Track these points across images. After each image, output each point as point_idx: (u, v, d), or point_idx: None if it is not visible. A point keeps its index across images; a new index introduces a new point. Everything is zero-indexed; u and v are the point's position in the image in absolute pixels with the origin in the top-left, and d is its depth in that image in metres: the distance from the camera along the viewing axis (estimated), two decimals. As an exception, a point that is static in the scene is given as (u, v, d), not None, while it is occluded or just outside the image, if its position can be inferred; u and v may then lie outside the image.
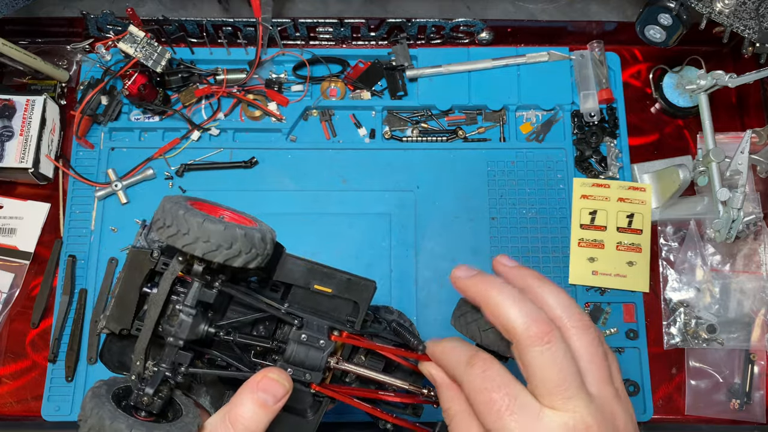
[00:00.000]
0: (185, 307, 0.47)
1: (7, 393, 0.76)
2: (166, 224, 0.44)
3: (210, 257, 0.44)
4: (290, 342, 0.51)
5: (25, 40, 0.87)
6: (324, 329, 0.52)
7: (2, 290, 0.79)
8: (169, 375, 0.47)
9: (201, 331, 0.48)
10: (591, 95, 0.85)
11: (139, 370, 0.47)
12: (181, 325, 0.46)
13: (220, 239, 0.43)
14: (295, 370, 0.51)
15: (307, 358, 0.51)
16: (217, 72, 0.84)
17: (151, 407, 0.46)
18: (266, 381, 0.48)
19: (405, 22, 0.85)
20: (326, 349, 0.51)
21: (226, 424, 0.47)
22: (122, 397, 0.47)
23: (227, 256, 0.44)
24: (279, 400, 0.48)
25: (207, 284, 0.47)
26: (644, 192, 0.82)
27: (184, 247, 0.43)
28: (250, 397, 0.47)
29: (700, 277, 0.79)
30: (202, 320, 0.48)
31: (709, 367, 0.78)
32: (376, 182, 0.83)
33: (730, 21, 0.71)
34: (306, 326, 0.52)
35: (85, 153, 0.83)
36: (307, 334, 0.51)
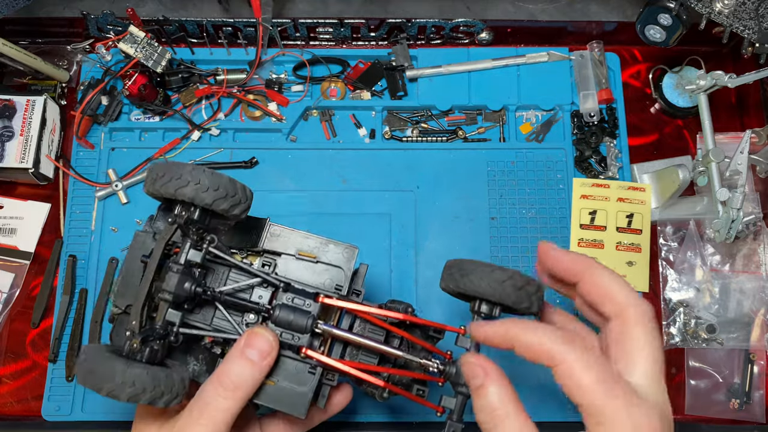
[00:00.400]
0: (174, 264, 0.50)
1: (7, 393, 0.76)
2: (159, 175, 0.49)
3: (199, 199, 0.48)
4: (276, 306, 0.53)
5: (26, 40, 0.87)
6: (310, 293, 0.54)
7: (2, 290, 0.79)
8: (161, 332, 0.50)
9: (189, 289, 0.50)
10: (591, 95, 0.85)
11: (134, 329, 0.50)
12: (169, 280, 0.49)
13: (208, 182, 0.48)
14: (284, 333, 0.53)
15: (294, 321, 0.53)
16: (218, 72, 0.85)
17: (140, 356, 0.49)
18: (252, 336, 0.50)
19: (405, 22, 0.85)
20: (312, 312, 0.53)
21: (213, 382, 0.48)
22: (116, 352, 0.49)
23: (215, 197, 0.48)
24: (266, 355, 0.50)
25: (195, 245, 0.51)
26: (644, 192, 0.82)
27: (177, 190, 0.48)
28: (236, 353, 0.50)
29: (699, 277, 0.79)
30: (189, 278, 0.51)
31: (709, 366, 0.78)
32: (376, 182, 0.83)
33: (730, 21, 0.71)
34: (293, 291, 0.54)
35: (86, 153, 0.83)
36: (293, 296, 0.54)
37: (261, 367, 0.50)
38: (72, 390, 0.75)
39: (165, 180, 0.49)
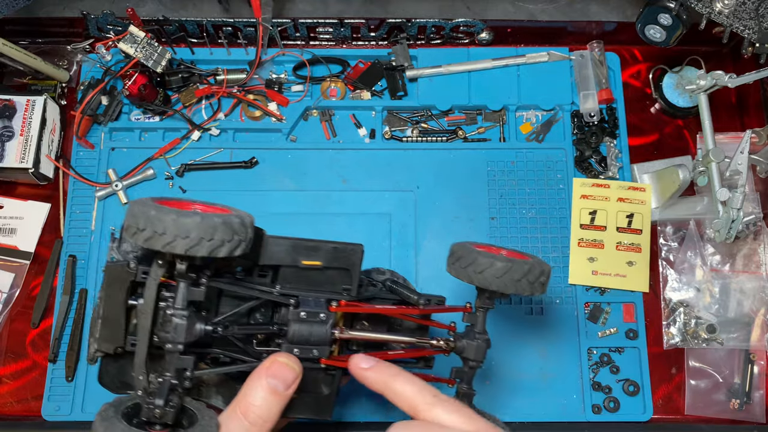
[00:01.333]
0: (177, 311, 0.45)
1: (7, 393, 0.76)
2: (139, 228, 0.42)
3: (193, 252, 0.42)
4: (290, 322, 0.50)
5: (26, 40, 0.87)
6: (321, 302, 0.51)
7: (2, 290, 0.79)
8: (175, 383, 0.45)
9: (198, 331, 0.46)
10: (591, 95, 0.85)
11: (144, 385, 0.45)
12: (176, 330, 0.45)
13: (200, 232, 0.41)
14: (302, 349, 0.50)
15: (311, 335, 0.50)
16: (218, 72, 0.84)
17: (165, 418, 0.44)
18: (275, 366, 0.47)
19: (405, 22, 0.85)
20: (328, 322, 0.51)
21: (238, 416, 0.45)
22: (132, 415, 0.45)
23: (210, 248, 0.42)
24: (290, 385, 0.47)
25: (193, 283, 0.46)
26: (644, 192, 0.82)
27: (165, 247, 0.41)
28: (259, 384, 0.46)
29: (699, 277, 0.79)
30: (196, 320, 0.46)
31: (709, 366, 0.78)
32: (376, 182, 0.83)
33: (730, 21, 0.71)
34: (303, 304, 0.51)
35: (86, 153, 0.83)
36: (306, 311, 0.50)
37: (286, 396, 0.47)
38: (72, 390, 0.75)
39: (147, 235, 0.41)
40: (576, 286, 0.80)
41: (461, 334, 0.55)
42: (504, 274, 0.50)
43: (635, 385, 0.76)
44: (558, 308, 0.79)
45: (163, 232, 0.41)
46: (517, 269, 0.50)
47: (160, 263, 0.45)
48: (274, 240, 0.52)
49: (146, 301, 0.45)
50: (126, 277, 0.48)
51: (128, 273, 0.48)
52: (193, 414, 0.46)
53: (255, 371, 0.47)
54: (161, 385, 0.45)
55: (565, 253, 0.80)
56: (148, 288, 0.45)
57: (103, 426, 0.42)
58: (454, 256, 0.54)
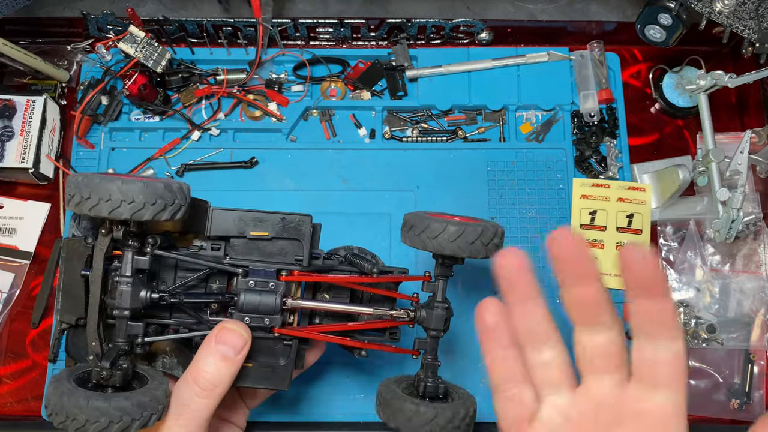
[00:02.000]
0: (122, 278, 0.47)
1: (7, 393, 0.76)
2: (84, 197, 0.44)
3: (138, 217, 0.44)
4: (240, 291, 0.51)
5: (26, 40, 0.87)
6: (272, 272, 0.52)
7: (2, 290, 0.79)
8: (126, 348, 0.47)
9: (144, 298, 0.48)
10: (591, 95, 0.85)
11: (97, 351, 0.48)
12: (122, 296, 0.47)
13: (120, 195, 0.43)
14: (253, 318, 0.51)
15: (261, 304, 0.51)
16: (218, 72, 0.84)
17: (112, 380, 0.46)
18: (223, 332, 0.48)
19: (405, 22, 0.85)
20: (278, 291, 0.52)
21: (189, 382, 0.47)
22: (85, 380, 0.47)
23: (154, 212, 0.44)
24: (239, 350, 0.49)
25: (138, 252, 0.48)
26: (644, 192, 0.82)
27: (111, 213, 0.43)
28: (208, 350, 0.48)
29: (699, 277, 0.79)
30: (142, 287, 0.48)
31: (709, 366, 0.78)
32: (376, 182, 0.83)
33: (730, 21, 0.71)
34: (252, 273, 0.52)
35: (86, 153, 0.83)
36: (254, 280, 0.52)
37: (235, 361, 0.49)
38: (72, 390, 0.75)
39: (93, 202, 0.44)
40: (576, 286, 0.80)
41: (422, 304, 0.56)
42: (458, 237, 0.51)
43: (635, 385, 0.76)
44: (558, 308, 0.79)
45: (107, 198, 0.43)
46: (470, 232, 0.51)
47: (103, 232, 0.47)
48: (221, 212, 0.53)
49: (94, 269, 0.48)
50: (83, 251, 0.50)
51: (85, 247, 0.50)
52: (144, 378, 0.48)
53: (206, 339, 0.49)
54: (110, 349, 0.47)
55: (565, 253, 0.80)
56: (96, 257, 0.48)
57: (52, 387, 0.44)
58: (407, 225, 0.55)
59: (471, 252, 0.52)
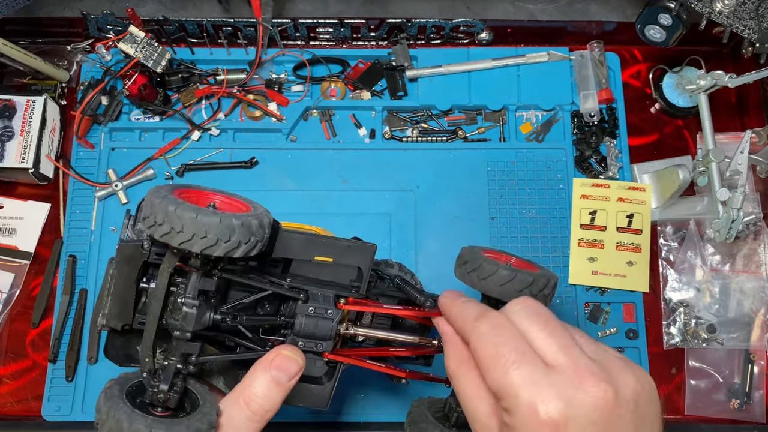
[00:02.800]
0: (188, 299, 0.45)
1: (7, 393, 0.76)
2: (157, 222, 0.42)
3: (209, 252, 0.42)
4: (298, 316, 0.51)
5: (26, 40, 0.87)
6: (330, 299, 0.52)
7: (2, 290, 0.79)
8: (180, 367, 0.46)
9: (207, 320, 0.47)
10: (591, 95, 0.85)
11: (150, 366, 0.46)
12: (185, 318, 0.45)
13: (218, 233, 0.42)
14: (306, 342, 0.51)
15: (317, 330, 0.51)
16: (218, 72, 0.84)
17: (168, 402, 0.45)
18: (280, 359, 0.48)
19: (405, 22, 0.85)
20: (335, 318, 0.51)
21: (241, 405, 0.46)
22: (136, 394, 0.46)
23: (227, 249, 0.43)
24: (293, 377, 0.48)
25: (206, 273, 0.46)
26: (644, 192, 0.82)
27: (181, 245, 0.42)
28: (263, 375, 0.47)
29: (699, 277, 0.79)
30: (206, 309, 0.47)
31: (709, 366, 0.78)
32: (376, 182, 0.83)
33: (730, 21, 0.71)
34: (312, 298, 0.51)
35: (86, 153, 0.83)
36: (314, 306, 0.51)
37: (288, 387, 0.48)
38: (72, 390, 0.75)
39: (164, 230, 0.41)
40: (576, 286, 0.80)
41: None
42: (506, 282, 0.50)
43: (635, 385, 0.76)
44: (558, 308, 0.79)
45: (180, 229, 0.41)
46: (520, 280, 0.51)
47: (174, 252, 0.45)
48: (289, 234, 0.52)
49: (158, 287, 0.46)
50: (139, 257, 0.49)
51: (141, 253, 0.49)
52: (195, 398, 0.47)
53: (260, 362, 0.48)
54: (167, 368, 0.46)
55: (565, 253, 0.80)
56: (161, 275, 0.45)
57: (108, 404, 0.42)
58: (461, 259, 0.55)
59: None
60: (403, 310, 0.54)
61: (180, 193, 0.45)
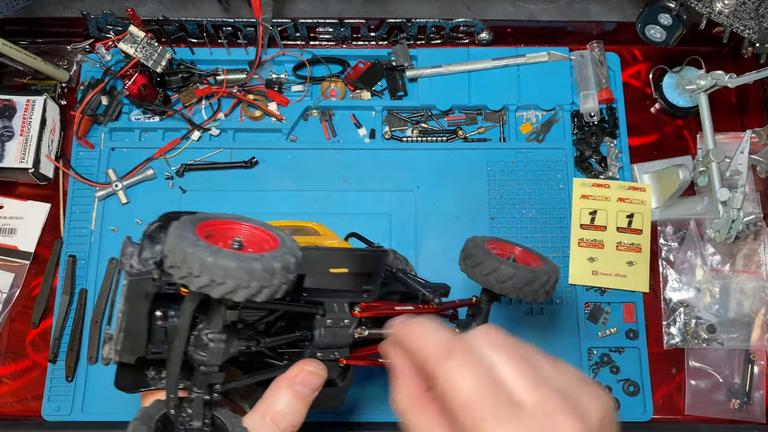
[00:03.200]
0: (214, 335, 0.43)
1: (7, 393, 0.76)
2: (176, 264, 0.39)
3: (229, 297, 0.39)
4: (317, 329, 0.51)
5: (26, 40, 0.87)
6: (345, 308, 0.52)
7: (2, 290, 0.79)
8: (207, 398, 0.45)
9: (234, 351, 0.45)
10: (591, 95, 0.85)
11: (175, 402, 0.45)
12: (213, 353, 0.43)
13: (237, 279, 0.38)
14: (324, 353, 0.51)
15: (335, 340, 0.51)
16: (218, 72, 0.84)
17: None
18: (303, 374, 0.48)
19: (405, 22, 0.85)
20: (351, 326, 0.52)
21: (268, 423, 0.46)
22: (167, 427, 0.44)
23: (246, 295, 0.39)
24: (316, 390, 0.48)
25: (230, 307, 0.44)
26: (644, 192, 0.82)
27: (200, 290, 0.39)
28: (288, 393, 0.47)
29: (700, 277, 0.79)
30: (233, 339, 0.45)
31: (709, 367, 0.78)
32: (376, 182, 0.83)
33: (730, 21, 0.71)
34: (328, 310, 0.51)
35: (86, 153, 0.83)
36: (332, 318, 0.51)
37: (311, 399, 0.48)
38: (72, 390, 0.75)
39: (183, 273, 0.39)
40: (576, 286, 0.80)
41: (464, 322, 0.56)
42: (508, 280, 0.51)
43: (635, 385, 0.76)
44: (558, 308, 0.79)
45: (198, 274, 0.38)
46: (521, 277, 0.51)
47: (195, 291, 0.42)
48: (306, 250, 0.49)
49: (181, 324, 0.43)
50: (149, 290, 0.46)
51: (153, 286, 0.46)
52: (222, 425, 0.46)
53: (283, 379, 0.47)
54: (194, 403, 0.44)
55: (565, 253, 0.80)
56: (183, 313, 0.43)
57: None
58: (465, 252, 0.56)
59: (519, 295, 0.52)
60: (414, 308, 0.54)
61: (203, 227, 0.42)
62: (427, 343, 0.38)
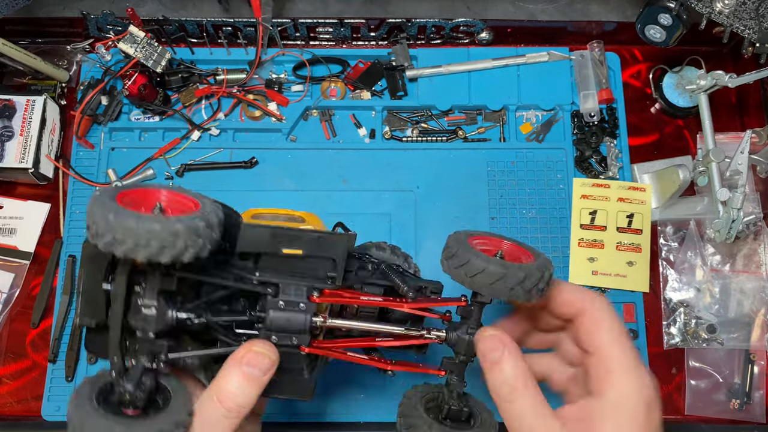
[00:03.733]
0: (146, 301, 0.45)
1: (7, 393, 0.76)
2: (98, 232, 0.40)
3: (155, 259, 0.40)
4: (268, 310, 0.50)
5: (26, 40, 0.87)
6: (302, 291, 0.50)
7: (2, 290, 0.79)
8: (149, 366, 0.46)
9: (170, 319, 0.46)
10: (591, 95, 0.85)
11: (119, 366, 0.46)
12: (146, 320, 0.45)
13: (160, 240, 0.39)
14: (280, 337, 0.50)
15: (290, 324, 0.49)
16: (217, 72, 0.84)
17: (137, 402, 0.44)
18: (250, 355, 0.47)
19: (405, 22, 0.85)
20: (308, 312, 0.50)
21: (215, 402, 0.46)
22: (108, 392, 0.45)
23: (172, 255, 0.40)
24: (266, 372, 0.47)
25: (164, 273, 0.45)
26: (644, 192, 0.82)
27: (125, 254, 0.40)
28: (235, 371, 0.47)
29: (700, 277, 0.79)
30: (168, 308, 0.46)
31: (709, 367, 0.78)
32: (376, 182, 0.83)
33: (730, 21, 0.71)
34: (282, 292, 0.50)
35: (85, 153, 0.83)
36: (284, 300, 0.49)
37: (262, 382, 0.48)
38: (72, 390, 0.75)
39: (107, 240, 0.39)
40: (576, 286, 0.79)
41: (455, 325, 0.53)
42: (497, 281, 0.47)
43: (635, 385, 0.76)
44: (558, 308, 0.79)
45: (122, 239, 0.39)
46: (511, 276, 0.46)
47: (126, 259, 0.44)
48: (253, 228, 0.50)
49: (117, 290, 0.45)
50: (102, 259, 0.47)
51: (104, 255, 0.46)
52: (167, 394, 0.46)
53: (231, 358, 0.47)
54: (133, 368, 0.45)
55: (565, 253, 0.80)
56: (118, 279, 0.45)
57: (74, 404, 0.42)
58: (448, 251, 0.50)
59: (510, 297, 0.47)
60: (383, 301, 0.52)
61: (123, 196, 0.43)
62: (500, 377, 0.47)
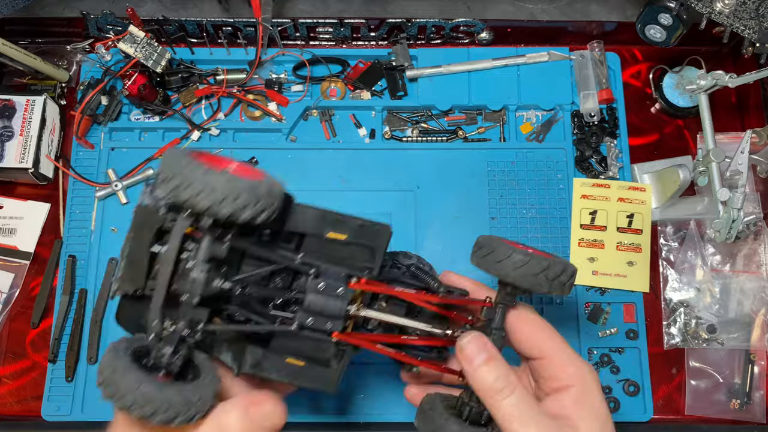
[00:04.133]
0: (197, 264, 0.45)
1: (7, 393, 0.76)
2: (168, 177, 0.42)
3: (215, 210, 0.42)
4: (308, 292, 0.50)
5: (25, 40, 0.87)
6: (341, 277, 0.51)
7: (2, 290, 0.79)
8: (186, 334, 0.46)
9: (215, 287, 0.46)
10: (591, 95, 0.85)
11: (158, 330, 0.46)
12: (194, 283, 0.45)
13: (225, 191, 0.42)
14: (316, 320, 0.50)
15: (326, 307, 0.50)
16: (217, 72, 0.84)
17: (171, 367, 0.45)
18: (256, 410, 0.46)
19: (405, 22, 0.85)
20: (345, 298, 0.51)
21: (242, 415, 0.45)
22: (142, 355, 0.46)
23: (233, 209, 0.43)
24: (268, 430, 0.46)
25: (217, 238, 0.46)
26: (644, 192, 0.82)
27: (188, 200, 0.42)
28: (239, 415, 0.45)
29: (700, 277, 0.79)
30: (215, 276, 0.46)
31: (709, 367, 0.78)
32: (376, 182, 0.83)
33: (730, 21, 0.71)
34: (323, 275, 0.51)
35: (85, 153, 0.83)
36: (324, 283, 0.50)
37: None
38: (72, 390, 0.75)
39: (174, 184, 0.42)
40: (576, 286, 0.80)
41: (479, 328, 0.54)
42: (522, 266, 0.50)
43: (635, 385, 0.76)
44: (558, 308, 0.79)
45: (189, 184, 0.42)
46: (535, 264, 0.50)
47: (186, 215, 0.45)
48: (303, 208, 0.52)
49: (169, 249, 0.45)
50: (154, 222, 0.48)
51: (157, 218, 0.48)
52: (197, 369, 0.47)
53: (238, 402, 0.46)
54: (173, 333, 0.46)
55: (566, 253, 0.80)
56: (173, 237, 0.45)
57: (109, 355, 0.43)
58: (477, 246, 0.54)
59: (533, 284, 0.50)
60: (415, 294, 0.53)
61: (198, 155, 0.45)
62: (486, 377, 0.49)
